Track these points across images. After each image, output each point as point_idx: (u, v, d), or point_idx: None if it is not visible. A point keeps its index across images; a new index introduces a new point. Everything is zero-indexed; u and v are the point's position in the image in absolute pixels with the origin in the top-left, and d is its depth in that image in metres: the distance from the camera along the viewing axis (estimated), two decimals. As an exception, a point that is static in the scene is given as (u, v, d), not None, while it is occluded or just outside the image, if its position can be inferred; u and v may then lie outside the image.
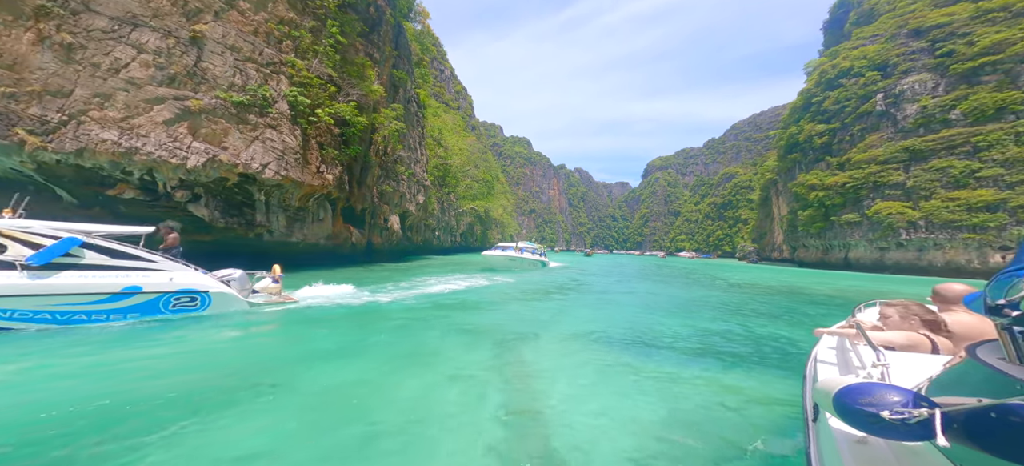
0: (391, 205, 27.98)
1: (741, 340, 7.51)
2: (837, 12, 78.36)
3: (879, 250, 46.21)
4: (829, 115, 57.91)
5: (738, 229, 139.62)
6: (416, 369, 5.08)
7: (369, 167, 24.29)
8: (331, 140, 18.24)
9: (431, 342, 6.38)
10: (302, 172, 15.44)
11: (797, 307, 12.53)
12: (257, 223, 14.33)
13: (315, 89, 17.32)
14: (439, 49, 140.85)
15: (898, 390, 1.17)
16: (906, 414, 1.07)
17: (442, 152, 59.09)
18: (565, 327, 7.85)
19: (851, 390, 1.21)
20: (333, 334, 6.64)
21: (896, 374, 1.85)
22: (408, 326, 7.38)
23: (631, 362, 5.66)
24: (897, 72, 50.57)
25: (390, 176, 27.85)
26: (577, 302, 11.27)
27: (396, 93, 30.55)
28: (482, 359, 5.55)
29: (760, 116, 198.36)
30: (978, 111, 42.36)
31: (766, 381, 5.17)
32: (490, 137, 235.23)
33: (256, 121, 13.61)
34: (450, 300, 10.85)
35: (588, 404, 4.09)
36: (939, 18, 49.55)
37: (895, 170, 46.42)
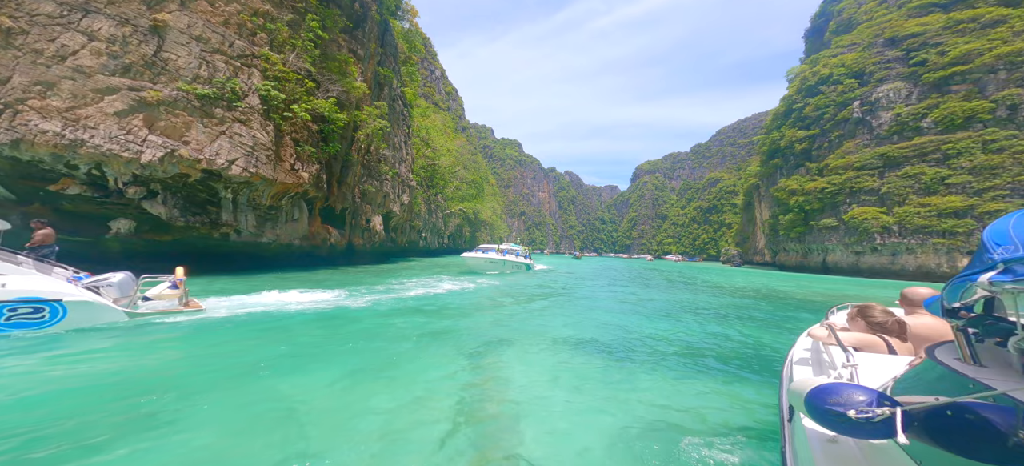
0: (374, 205, 27.34)
1: (724, 347, 7.31)
2: (818, 21, 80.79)
3: (855, 254, 47.56)
4: (809, 121, 59.51)
5: (722, 233, 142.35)
6: (348, 388, 4.34)
7: (350, 166, 23.69)
8: (308, 137, 17.64)
9: (387, 353, 5.91)
10: (274, 169, 14.83)
11: (779, 312, 12.53)
12: (223, 222, 13.65)
13: (291, 84, 16.73)
14: (429, 50, 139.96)
15: (864, 390, 1.20)
16: (870, 413, 1.11)
17: (430, 153, 58.47)
18: (544, 334, 7.48)
19: (820, 390, 1.24)
20: (241, 349, 5.56)
21: (864, 374, 1.92)
22: (367, 335, 6.89)
23: (608, 374, 5.37)
24: (873, 80, 52.31)
25: (373, 175, 27.23)
26: (559, 307, 10.93)
27: (381, 91, 29.98)
28: (445, 375, 4.98)
29: (745, 122, 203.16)
30: (948, 119, 44.08)
31: (747, 387, 5.06)
32: (481, 139, 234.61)
33: (223, 115, 12.98)
34: (426, 305, 10.43)
35: (558, 423, 3.78)
36: (913, 28, 51.48)
37: (870, 176, 47.90)
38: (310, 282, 13.11)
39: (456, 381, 4.80)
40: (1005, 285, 1.12)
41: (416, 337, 6.81)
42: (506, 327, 8.05)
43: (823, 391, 1.25)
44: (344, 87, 21.32)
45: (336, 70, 21.30)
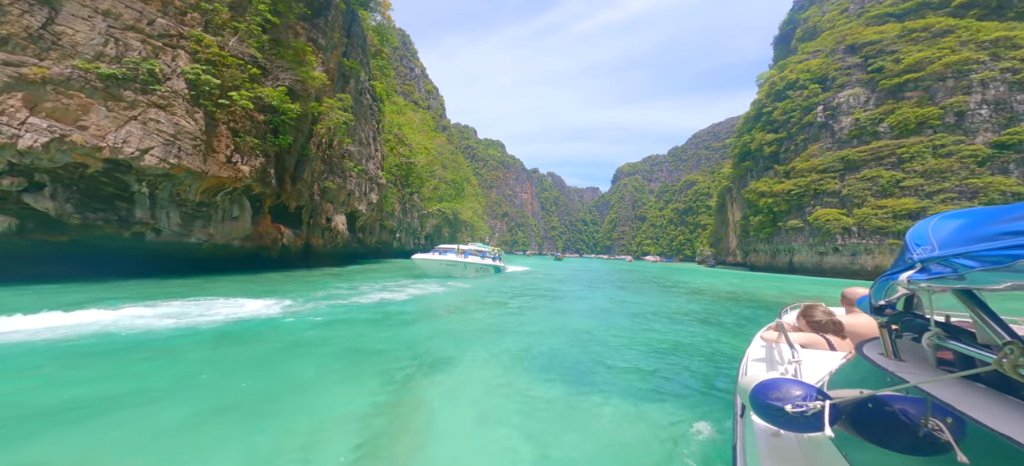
0: (336, 204, 25.78)
1: (693, 358, 6.64)
2: (786, 28, 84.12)
3: (818, 254, 49.34)
4: (777, 125, 61.57)
5: (698, 234, 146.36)
6: (187, 442, 3.19)
7: (308, 161, 22.13)
8: (251, 127, 16.17)
9: (283, 380, 4.82)
10: (205, 161, 13.36)
11: (752, 315, 12.19)
12: (136, 220, 12.10)
13: (231, 70, 15.26)
14: (409, 47, 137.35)
15: (801, 385, 1.25)
16: (804, 407, 1.16)
17: (405, 151, 56.79)
18: (493, 347, 6.63)
19: (763, 386, 1.29)
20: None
21: (807, 371, 2.02)
22: (267, 358, 5.67)
23: (552, 394, 4.59)
24: (835, 85, 54.58)
25: (335, 172, 25.66)
26: (525, 313, 10.09)
27: (346, 83, 28.42)
28: (343, 412, 3.92)
29: (718, 126, 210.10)
30: (902, 125, 46.38)
31: (704, 405, 4.47)
32: (463, 139, 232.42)
33: (135, 99, 11.48)
34: (371, 313, 9.33)
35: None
36: (871, 36, 54.05)
37: (832, 179, 49.84)
38: (241, 288, 11.78)
39: (354, 420, 3.81)
40: (921, 283, 1.19)
41: (334, 357, 5.75)
42: (453, 339, 7.12)
43: (765, 387, 1.28)
44: (299, 76, 19.86)
45: (290, 58, 19.81)
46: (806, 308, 2.96)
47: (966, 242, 1.05)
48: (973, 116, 42.66)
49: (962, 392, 1.08)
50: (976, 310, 1.11)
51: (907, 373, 1.30)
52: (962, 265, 1.02)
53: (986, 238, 0.97)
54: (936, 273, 1.13)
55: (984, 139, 41.23)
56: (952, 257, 1.07)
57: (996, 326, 1.05)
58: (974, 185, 39.21)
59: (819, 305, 2.95)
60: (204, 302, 8.84)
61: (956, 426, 0.97)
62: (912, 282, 1.23)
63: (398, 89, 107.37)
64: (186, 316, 7.34)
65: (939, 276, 1.12)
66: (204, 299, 9.25)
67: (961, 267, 1.02)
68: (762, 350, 2.88)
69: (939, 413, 1.01)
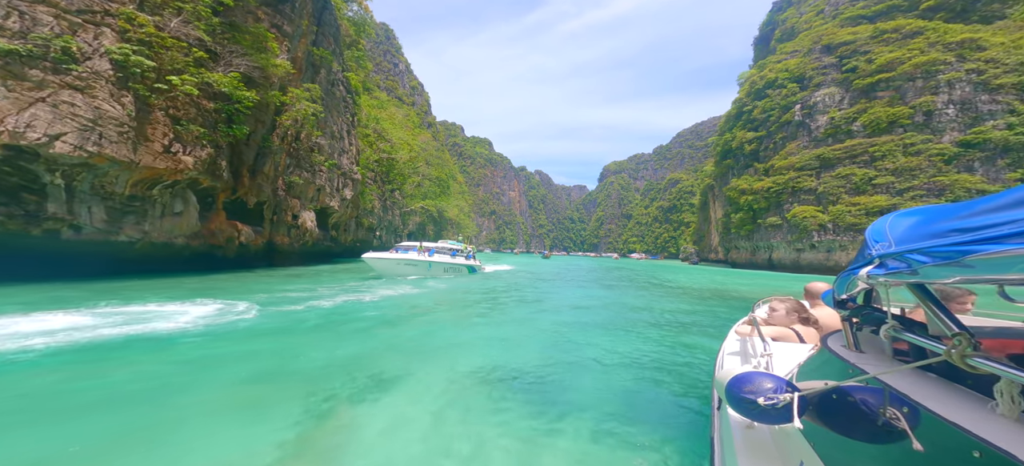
0: (304, 199, 24.31)
1: (670, 368, 5.93)
2: (765, 29, 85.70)
3: (796, 251, 50.27)
4: (757, 123, 62.52)
5: (682, 231, 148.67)
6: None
7: (270, 154, 20.67)
8: (197, 115, 14.76)
9: (165, 411, 3.86)
10: (134, 150, 11.98)
11: (732, 315, 11.65)
12: (49, 215, 10.68)
13: (171, 52, 13.85)
14: (393, 42, 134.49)
15: (773, 378, 1.28)
16: (775, 399, 1.19)
17: (386, 147, 55.17)
18: (454, 358, 5.72)
19: (737, 380, 1.32)
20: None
21: (778, 363, 2.12)
22: (166, 379, 4.75)
23: (509, 418, 3.82)
24: (812, 85, 55.68)
25: (303, 166, 24.19)
26: (497, 319, 9.18)
27: (316, 73, 26.90)
28: (243, 453, 3.07)
29: (701, 125, 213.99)
30: (875, 124, 47.59)
31: (677, 426, 3.66)
32: (450, 137, 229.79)
33: (44, 79, 10.09)
34: (323, 318, 8.27)
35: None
36: (846, 36, 55.32)
37: (809, 176, 50.82)
38: (172, 292, 10.54)
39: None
40: (879, 278, 1.24)
41: (243, 378, 4.74)
42: (405, 353, 6.13)
43: (739, 380, 1.31)
44: (258, 63, 18.43)
45: (248, 44, 18.37)
46: (777, 302, 3.10)
47: (919, 238, 1.09)
48: (940, 115, 44.05)
49: (916, 382, 1.14)
50: (928, 303, 1.16)
51: (867, 364, 1.37)
52: (916, 260, 1.06)
53: (937, 235, 1.01)
54: (892, 268, 1.18)
55: (951, 138, 42.61)
56: (907, 253, 1.11)
57: (946, 318, 1.10)
58: (941, 183, 40.45)
59: (789, 299, 3.10)
60: (108, 311, 7.65)
61: (911, 415, 1.01)
62: (871, 277, 1.29)
63: (381, 85, 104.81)
64: (69, 331, 6.19)
65: (895, 271, 1.17)
66: (116, 306, 8.06)
67: (915, 262, 1.07)
68: (737, 344, 2.97)
69: (896, 403, 1.05)
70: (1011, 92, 40.86)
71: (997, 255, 0.79)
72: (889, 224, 1.32)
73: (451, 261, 21.71)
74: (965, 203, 0.98)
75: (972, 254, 0.85)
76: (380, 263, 18.84)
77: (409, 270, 19.10)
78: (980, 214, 0.89)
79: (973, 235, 0.87)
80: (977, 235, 0.86)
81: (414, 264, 19.39)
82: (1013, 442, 0.81)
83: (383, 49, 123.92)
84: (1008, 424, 0.88)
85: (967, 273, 0.93)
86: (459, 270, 22.05)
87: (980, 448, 0.83)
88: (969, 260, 0.87)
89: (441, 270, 20.78)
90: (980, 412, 0.95)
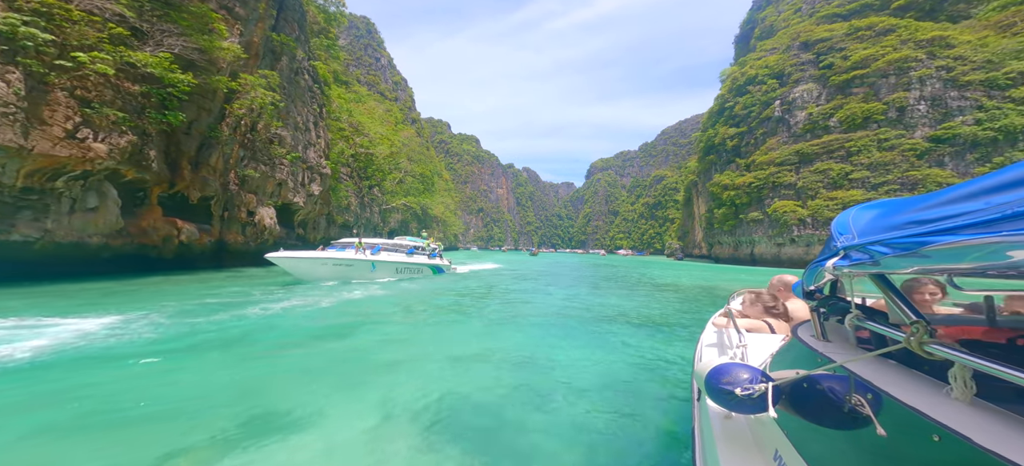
0: (261, 194, 22.56)
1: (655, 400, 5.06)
2: (745, 27, 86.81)
3: (777, 246, 50.80)
4: (739, 119, 63.05)
5: (667, 228, 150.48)
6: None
7: (218, 144, 18.89)
8: (116, 98, 13.05)
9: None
10: (25, 135, 10.29)
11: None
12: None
13: (79, 26, 12.13)
14: (374, 36, 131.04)
15: (748, 369, 1.30)
16: (752, 390, 1.22)
17: (364, 141, 53.14)
18: (391, 391, 4.44)
19: (715, 371, 1.33)
20: None
21: (752, 354, 2.15)
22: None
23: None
24: (790, 81, 56.34)
25: (260, 159, 22.42)
26: (456, 328, 8.02)
27: (277, 60, 25.08)
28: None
29: (685, 123, 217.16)
30: (850, 119, 48.38)
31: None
32: (436, 133, 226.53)
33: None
34: (239, 330, 7.06)
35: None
36: (822, 33, 56.13)
37: (789, 171, 51.40)
38: (54, 303, 9.03)
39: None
40: (843, 269, 1.29)
41: (77, 428, 3.59)
42: (324, 377, 4.88)
43: (717, 372, 1.33)
44: (199, 45, 16.73)
45: (187, 23, 16.63)
46: (751, 294, 3.17)
47: (880, 231, 1.14)
48: (912, 111, 45.03)
49: (878, 369, 1.18)
50: (888, 292, 1.21)
51: (833, 353, 1.41)
52: (877, 251, 1.11)
53: (896, 227, 1.06)
54: (856, 259, 1.23)
55: (922, 133, 43.58)
56: (868, 244, 1.16)
57: (904, 307, 1.15)
58: (914, 177, 41.31)
59: (762, 291, 3.17)
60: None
61: (874, 401, 1.04)
62: (836, 268, 1.34)
63: (362, 79, 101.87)
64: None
65: (858, 262, 1.22)
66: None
67: (876, 253, 1.11)
68: (714, 336, 2.98)
69: (860, 389, 1.08)
70: (978, 89, 42.00)
71: (951, 246, 0.83)
72: (852, 217, 1.38)
73: (406, 260, 18.28)
74: (922, 196, 1.01)
75: (928, 245, 0.89)
76: (294, 264, 14.44)
77: (339, 272, 14.99)
78: (935, 207, 0.93)
79: (929, 227, 0.91)
80: (933, 227, 0.89)
81: (347, 264, 15.24)
82: (966, 424, 0.84)
83: (364, 43, 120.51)
84: (962, 407, 0.91)
85: (924, 263, 0.96)
86: (418, 271, 18.72)
87: (938, 431, 0.86)
88: (925, 251, 0.91)
89: (390, 271, 17.09)
90: (937, 397, 0.98)
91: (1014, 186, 0.73)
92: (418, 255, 19.73)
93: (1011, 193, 0.73)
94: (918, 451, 0.90)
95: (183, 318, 7.70)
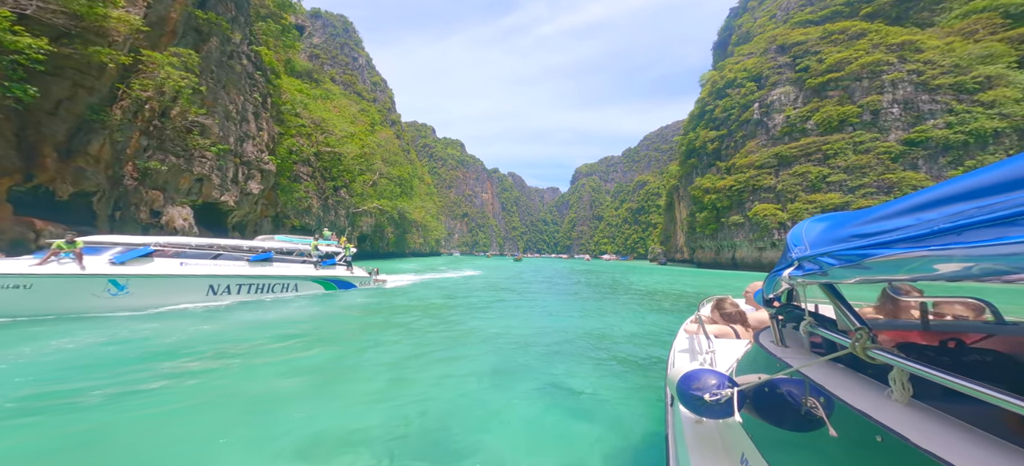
0: (172, 191, 19.26)
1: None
2: (723, 34, 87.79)
3: (758, 250, 49.97)
4: (719, 122, 62.70)
5: (649, 232, 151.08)
6: None
7: (104, 130, 15.59)
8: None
9: None
10: None
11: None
12: None
13: None
14: (351, 35, 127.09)
15: (716, 375, 1.34)
16: (719, 395, 1.25)
17: (331, 140, 49.65)
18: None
19: (685, 377, 1.36)
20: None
21: (720, 359, 2.22)
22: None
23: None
24: (768, 84, 56.24)
25: (170, 149, 19.12)
26: (389, 349, 5.88)
27: (202, 40, 21.88)
28: None
29: (667, 129, 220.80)
30: (826, 122, 48.23)
31: None
32: (420, 137, 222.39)
33: None
34: (55, 367, 4.31)
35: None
36: (798, 36, 56.37)
37: (768, 174, 50.87)
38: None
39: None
40: (798, 278, 1.35)
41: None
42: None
43: (687, 378, 1.35)
44: (72, 10, 13.54)
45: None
46: (718, 301, 3.37)
47: (828, 243, 1.19)
48: (886, 114, 45.11)
49: (829, 373, 1.25)
50: (836, 301, 1.26)
51: (790, 358, 1.48)
52: (825, 263, 1.17)
53: (842, 240, 1.10)
54: (808, 270, 1.29)
55: (896, 136, 43.58)
56: (818, 256, 1.21)
57: (850, 314, 1.20)
58: (889, 180, 41.04)
59: (727, 298, 3.37)
60: None
61: (827, 404, 1.09)
62: (792, 278, 1.40)
63: (337, 79, 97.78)
64: None
65: (810, 272, 1.27)
66: None
67: (825, 264, 1.17)
68: (685, 341, 3.08)
69: (814, 393, 1.13)
70: (948, 92, 42.33)
71: (887, 259, 0.88)
72: (805, 229, 1.43)
73: (256, 273, 11.53)
74: (865, 210, 1.06)
75: (869, 257, 0.94)
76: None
77: (20, 300, 8.01)
78: (874, 221, 0.97)
79: (870, 240, 0.95)
80: (873, 240, 0.94)
81: (30, 286, 8.07)
82: (905, 425, 0.89)
83: (340, 41, 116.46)
84: (901, 409, 0.97)
85: (866, 274, 1.01)
86: (285, 287, 12.28)
87: (881, 432, 0.90)
88: (867, 263, 0.96)
89: (195, 291, 10.33)
90: (879, 398, 1.03)
91: (939, 204, 0.77)
92: (297, 261, 13.14)
93: (936, 211, 0.76)
94: (864, 452, 0.94)
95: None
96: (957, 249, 0.71)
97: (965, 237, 0.69)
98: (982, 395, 0.72)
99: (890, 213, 0.92)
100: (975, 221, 0.67)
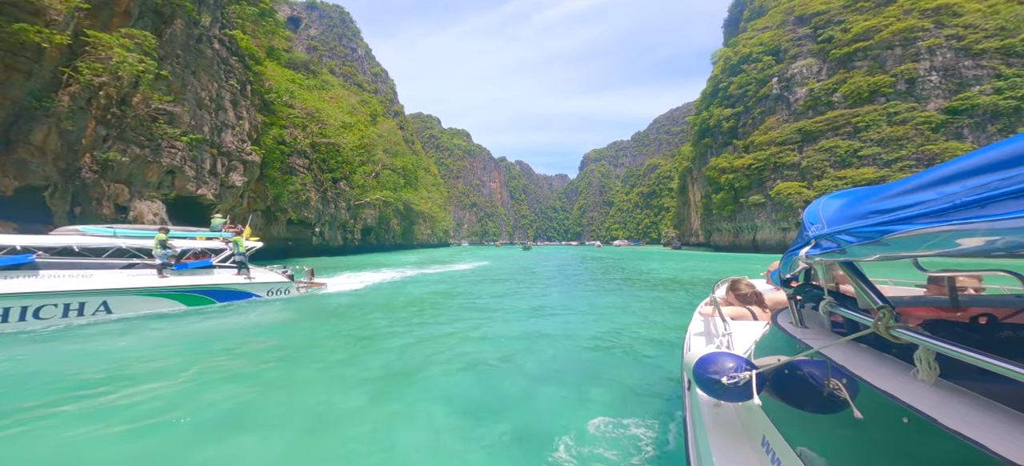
0: (139, 184, 17.75)
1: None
2: (734, 10, 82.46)
3: (781, 230, 46.84)
4: (734, 99, 58.89)
5: (662, 216, 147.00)
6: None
7: (51, 118, 13.96)
8: None
9: None
10: None
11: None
12: None
13: None
14: (349, 26, 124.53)
15: (734, 358, 1.33)
16: (737, 378, 1.26)
17: (328, 131, 47.96)
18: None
19: (702, 361, 1.37)
20: None
21: (737, 341, 2.20)
22: None
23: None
24: (788, 57, 52.19)
25: (132, 139, 17.48)
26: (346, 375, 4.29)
27: (163, 22, 19.98)
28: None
29: (677, 111, 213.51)
30: (855, 94, 44.37)
31: None
32: (426, 128, 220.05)
33: None
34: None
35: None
36: (819, 5, 51.91)
37: (791, 151, 47.39)
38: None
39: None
40: (815, 258, 1.33)
41: None
42: None
43: (705, 362, 1.36)
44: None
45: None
46: (733, 282, 3.32)
47: (846, 220, 1.17)
48: (924, 83, 41.12)
49: (852, 353, 1.21)
50: (856, 279, 1.23)
51: (810, 339, 1.43)
52: (843, 240, 1.14)
53: (860, 216, 1.09)
54: (826, 248, 1.26)
55: (936, 105, 39.70)
56: (836, 233, 1.19)
57: (871, 293, 1.17)
58: (931, 151, 37.46)
59: (743, 279, 3.33)
60: None
61: (850, 385, 1.07)
62: (809, 257, 1.38)
63: (336, 70, 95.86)
64: None
65: (828, 251, 1.25)
66: None
67: (843, 242, 1.14)
68: (701, 324, 3.04)
69: (837, 374, 1.11)
70: (995, 57, 38.15)
71: (908, 234, 0.86)
72: (821, 207, 1.40)
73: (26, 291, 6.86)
74: (883, 186, 1.03)
75: (889, 233, 0.92)
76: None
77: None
78: (894, 196, 0.95)
79: (889, 216, 0.94)
80: (892, 216, 0.93)
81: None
82: (932, 405, 0.86)
83: (338, 33, 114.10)
84: (927, 388, 0.94)
85: (886, 251, 0.98)
86: (60, 310, 7.26)
87: (908, 414, 0.88)
88: (887, 239, 0.94)
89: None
90: (904, 379, 1.00)
91: (961, 177, 0.75)
92: (162, 258, 8.81)
93: (958, 184, 0.75)
94: (891, 434, 0.92)
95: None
96: (981, 223, 0.69)
97: (989, 210, 0.67)
98: (1014, 374, 0.69)
99: (910, 188, 0.89)
100: (999, 193, 0.65)
